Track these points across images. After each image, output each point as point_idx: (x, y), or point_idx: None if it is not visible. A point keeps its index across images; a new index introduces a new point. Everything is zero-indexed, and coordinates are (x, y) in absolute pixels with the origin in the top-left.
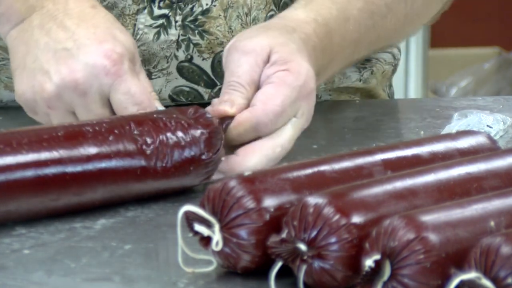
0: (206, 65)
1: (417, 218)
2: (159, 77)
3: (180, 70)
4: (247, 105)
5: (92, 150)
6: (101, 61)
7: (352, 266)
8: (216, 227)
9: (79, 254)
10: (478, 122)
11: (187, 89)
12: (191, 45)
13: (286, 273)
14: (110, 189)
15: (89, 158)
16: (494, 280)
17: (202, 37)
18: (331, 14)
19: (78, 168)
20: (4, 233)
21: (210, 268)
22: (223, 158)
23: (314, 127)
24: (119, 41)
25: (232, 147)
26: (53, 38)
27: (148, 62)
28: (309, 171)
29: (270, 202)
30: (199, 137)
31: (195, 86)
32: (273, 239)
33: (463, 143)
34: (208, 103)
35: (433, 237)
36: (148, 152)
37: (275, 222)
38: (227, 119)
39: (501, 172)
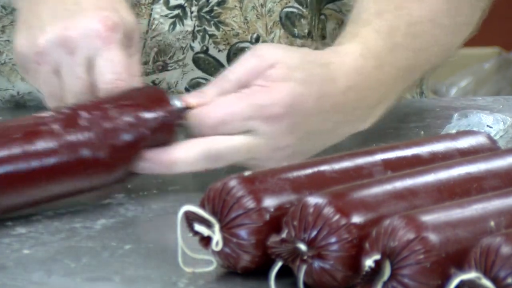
0: (222, 57)
1: (417, 218)
2: (175, 68)
3: (196, 61)
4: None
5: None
6: (96, 24)
7: (352, 266)
8: (216, 227)
9: (79, 254)
10: (478, 122)
11: (204, 81)
12: (207, 36)
13: (286, 273)
14: (58, 185)
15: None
16: (494, 280)
17: (217, 28)
18: (377, 46)
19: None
20: (4, 233)
21: (210, 268)
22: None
23: None
24: (119, 14)
25: None
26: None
27: (164, 53)
28: (309, 171)
29: (270, 202)
30: (149, 120)
31: (212, 78)
32: (273, 239)
33: (463, 143)
34: None
35: (433, 237)
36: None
37: (275, 222)
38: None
39: (501, 172)
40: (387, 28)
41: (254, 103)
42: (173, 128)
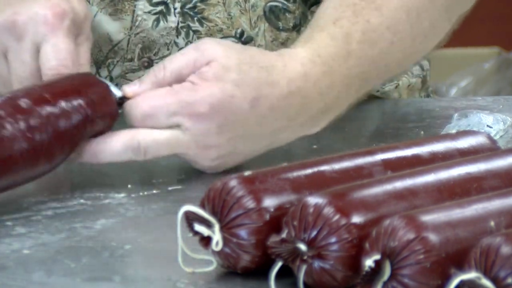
0: None
1: (417, 218)
2: None
3: None
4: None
5: None
6: (44, 11)
7: (352, 266)
8: (216, 227)
9: (79, 254)
10: (478, 122)
11: None
12: (191, 32)
13: (286, 273)
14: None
15: None
16: (494, 280)
17: (201, 24)
18: (329, 53)
19: None
20: (4, 233)
21: (210, 268)
22: None
23: None
24: (69, 2)
25: None
26: None
27: (149, 50)
28: (309, 171)
29: (270, 202)
30: (86, 108)
31: None
32: (273, 239)
33: (463, 143)
34: None
35: (433, 237)
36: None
37: (275, 222)
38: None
39: (501, 172)
40: (341, 35)
41: (181, 99)
42: (111, 117)
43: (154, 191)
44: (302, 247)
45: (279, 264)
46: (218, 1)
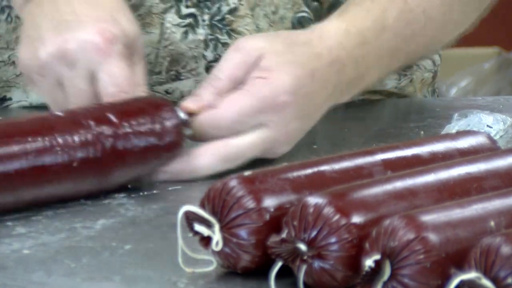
0: None
1: (417, 218)
2: (188, 78)
3: (209, 70)
4: (218, 98)
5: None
6: (94, 37)
7: (352, 266)
8: (216, 227)
9: (79, 254)
10: (478, 122)
11: None
12: (219, 45)
13: (286, 273)
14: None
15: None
16: (494, 280)
17: (230, 36)
18: (364, 25)
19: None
20: (4, 233)
21: (210, 268)
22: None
23: (314, 127)
24: (118, 24)
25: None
26: (58, 9)
27: (177, 63)
28: (309, 171)
29: (270, 202)
30: (155, 129)
31: None
32: (273, 239)
33: (463, 143)
34: None
35: (433, 237)
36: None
37: (275, 222)
38: (194, 114)
39: (501, 172)
40: (378, 10)
41: (260, 96)
42: (180, 137)
43: (154, 191)
44: (302, 247)
45: (279, 264)
46: (246, 13)
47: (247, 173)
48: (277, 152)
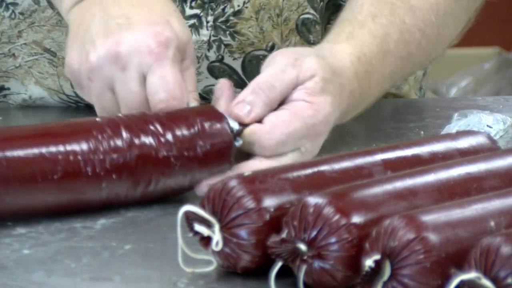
0: (237, 65)
1: (417, 218)
2: None
3: (211, 70)
4: (268, 110)
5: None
6: (147, 39)
7: (352, 266)
8: (216, 227)
9: (79, 254)
10: (478, 122)
11: None
12: (222, 46)
13: (286, 273)
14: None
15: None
16: (494, 280)
17: (233, 38)
18: (372, 52)
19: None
20: (4, 233)
21: (210, 268)
22: None
23: None
24: (172, 28)
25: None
26: (108, 13)
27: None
28: (309, 171)
29: (270, 202)
30: (205, 149)
31: None
32: (273, 239)
33: (463, 143)
34: None
35: (433, 237)
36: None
37: (275, 222)
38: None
39: (501, 172)
40: (382, 34)
41: (307, 123)
42: (226, 148)
43: None
44: (302, 247)
45: (279, 264)
46: (251, 16)
47: (247, 173)
48: None
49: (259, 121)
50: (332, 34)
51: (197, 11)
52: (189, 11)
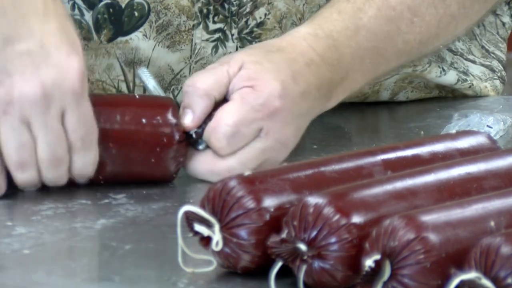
0: None
1: (417, 218)
2: None
3: None
4: (210, 109)
5: None
6: (71, 76)
7: (352, 266)
8: (216, 227)
9: (79, 254)
10: (478, 122)
11: None
12: None
13: (286, 273)
14: None
15: None
16: (494, 280)
17: None
18: (335, 26)
19: None
20: (4, 233)
21: (210, 268)
22: None
23: (314, 128)
24: (79, 52)
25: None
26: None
27: None
28: (309, 171)
29: (270, 202)
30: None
31: None
32: (273, 239)
33: (463, 143)
34: None
35: (433, 237)
36: None
37: (275, 222)
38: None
39: (501, 172)
40: (351, 10)
41: (252, 105)
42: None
43: (154, 191)
44: (302, 247)
45: (279, 264)
46: (274, 26)
47: (247, 173)
48: (278, 159)
49: None
50: None
51: (220, 25)
52: (212, 26)
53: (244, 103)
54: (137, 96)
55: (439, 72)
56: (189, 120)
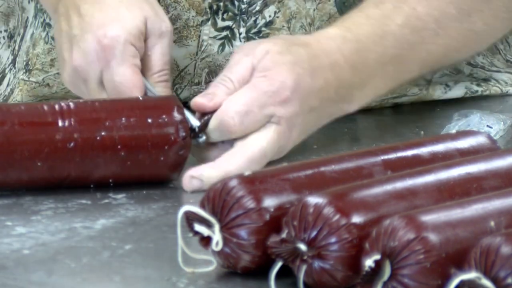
0: None
1: (417, 218)
2: None
3: None
4: (228, 96)
5: None
6: (93, 47)
7: (352, 266)
8: (216, 227)
9: (79, 254)
10: (478, 122)
11: None
12: None
13: (286, 273)
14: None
15: None
16: (494, 280)
17: None
18: (363, 31)
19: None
20: (4, 233)
21: (210, 268)
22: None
23: None
24: (117, 23)
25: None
26: (70, 25)
27: (215, 74)
28: (309, 171)
29: (270, 202)
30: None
31: None
32: (273, 239)
33: (463, 143)
34: None
35: (433, 237)
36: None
37: (275, 222)
38: (208, 114)
39: (501, 172)
40: (379, 16)
41: (266, 90)
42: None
43: (154, 191)
44: (302, 247)
45: (279, 264)
46: (282, 26)
47: (247, 173)
48: (286, 149)
49: None
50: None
51: (229, 23)
52: (221, 23)
53: (257, 88)
54: (140, 98)
55: (442, 88)
56: (206, 99)
